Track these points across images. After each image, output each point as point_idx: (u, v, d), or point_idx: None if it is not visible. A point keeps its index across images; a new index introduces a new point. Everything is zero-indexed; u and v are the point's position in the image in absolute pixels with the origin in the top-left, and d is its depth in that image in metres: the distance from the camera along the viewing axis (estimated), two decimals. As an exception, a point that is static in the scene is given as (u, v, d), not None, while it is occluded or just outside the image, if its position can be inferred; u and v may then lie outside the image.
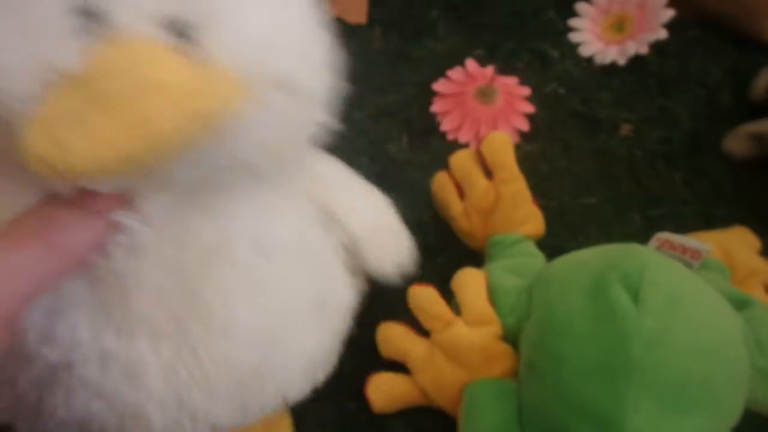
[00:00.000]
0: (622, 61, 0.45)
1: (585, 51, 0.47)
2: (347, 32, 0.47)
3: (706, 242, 0.34)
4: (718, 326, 0.26)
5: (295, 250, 0.25)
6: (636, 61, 0.45)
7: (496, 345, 0.31)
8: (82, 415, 0.22)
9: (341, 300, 0.29)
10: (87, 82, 0.16)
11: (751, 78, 0.44)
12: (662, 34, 0.45)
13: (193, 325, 0.22)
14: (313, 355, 0.27)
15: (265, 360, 0.24)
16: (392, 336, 0.33)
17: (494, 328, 0.31)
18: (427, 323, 0.32)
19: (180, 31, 0.17)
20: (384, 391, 0.32)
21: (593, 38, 0.47)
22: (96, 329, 0.21)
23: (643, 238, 0.39)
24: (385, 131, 0.43)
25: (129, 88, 0.16)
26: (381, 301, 0.37)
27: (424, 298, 0.32)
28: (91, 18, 0.17)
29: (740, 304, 0.30)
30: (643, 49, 0.45)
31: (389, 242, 0.31)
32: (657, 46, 0.45)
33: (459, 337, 0.31)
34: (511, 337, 0.31)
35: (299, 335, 0.26)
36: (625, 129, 0.44)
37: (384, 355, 0.33)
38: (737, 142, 0.42)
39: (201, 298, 0.22)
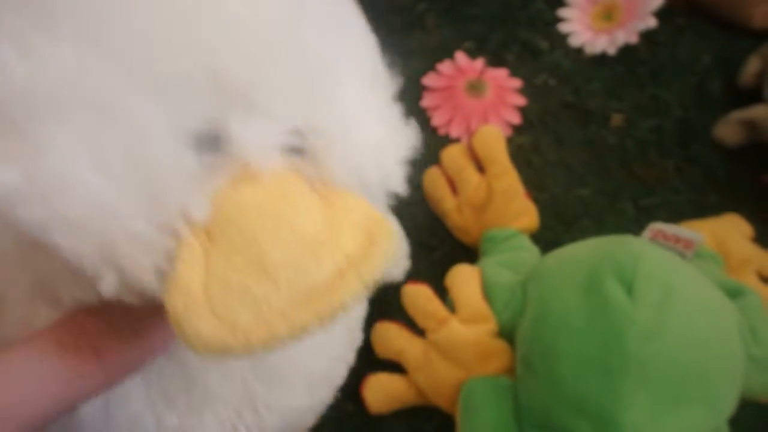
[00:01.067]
0: (611, 51, 0.45)
1: (574, 41, 0.46)
2: (334, 27, 0.47)
3: (700, 231, 0.34)
4: (713, 317, 0.26)
5: None
6: (626, 50, 0.45)
7: (492, 342, 0.31)
8: None
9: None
10: (226, 233, 0.13)
11: (739, 64, 0.43)
12: (651, 22, 0.44)
13: (258, 386, 0.21)
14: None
15: (317, 400, 0.24)
16: (387, 335, 0.32)
17: (490, 325, 0.31)
18: (421, 322, 0.32)
19: (297, 148, 0.15)
20: (380, 391, 0.32)
21: (582, 28, 0.46)
22: (158, 415, 0.20)
23: (637, 228, 0.39)
24: (376, 127, 0.43)
25: (289, 250, 0.13)
26: (375, 301, 0.36)
27: (419, 296, 0.32)
28: (208, 145, 0.13)
29: (734, 293, 0.30)
30: (633, 38, 0.44)
31: None
32: (646, 35, 0.45)
33: (454, 335, 0.30)
34: (506, 334, 0.31)
35: (340, 371, 0.26)
36: (617, 119, 0.43)
37: (379, 354, 0.32)
38: (728, 129, 0.41)
39: (264, 357, 0.21)
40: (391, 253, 0.14)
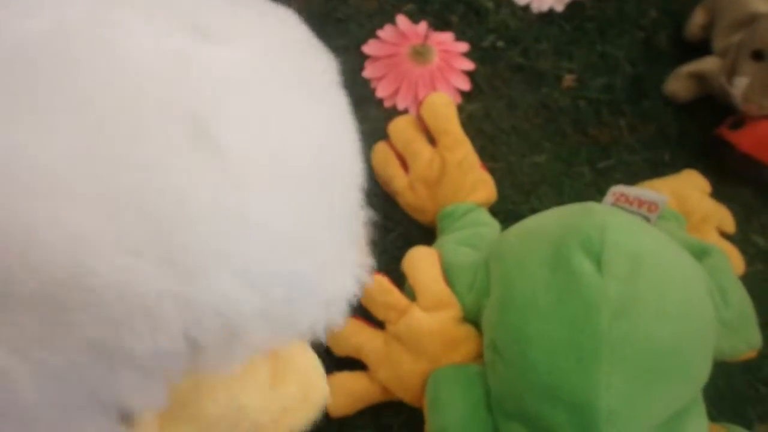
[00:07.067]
0: (559, 8, 0.41)
1: (520, -1, 0.42)
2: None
3: (659, 190, 0.32)
4: (685, 285, 0.24)
5: None
6: (573, 6, 0.41)
7: (457, 328, 0.27)
8: None
9: None
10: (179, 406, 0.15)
11: (685, 17, 0.41)
12: (597, -25, 0.41)
13: None
14: None
15: None
16: (344, 332, 0.28)
17: (453, 310, 0.27)
18: (380, 314, 0.28)
19: None
20: (341, 392, 0.28)
21: (528, -16, 0.42)
22: None
23: (595, 191, 0.36)
24: (316, 103, 0.37)
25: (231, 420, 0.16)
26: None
27: (375, 287, 0.28)
28: None
29: (700, 253, 0.27)
30: (580, -7, 0.41)
31: None
32: (593, -11, 0.42)
33: (416, 324, 0.27)
34: (472, 318, 0.28)
35: None
36: (568, 80, 0.40)
37: (337, 353, 0.28)
38: (678, 83, 0.39)
39: None
40: (319, 408, 0.19)
